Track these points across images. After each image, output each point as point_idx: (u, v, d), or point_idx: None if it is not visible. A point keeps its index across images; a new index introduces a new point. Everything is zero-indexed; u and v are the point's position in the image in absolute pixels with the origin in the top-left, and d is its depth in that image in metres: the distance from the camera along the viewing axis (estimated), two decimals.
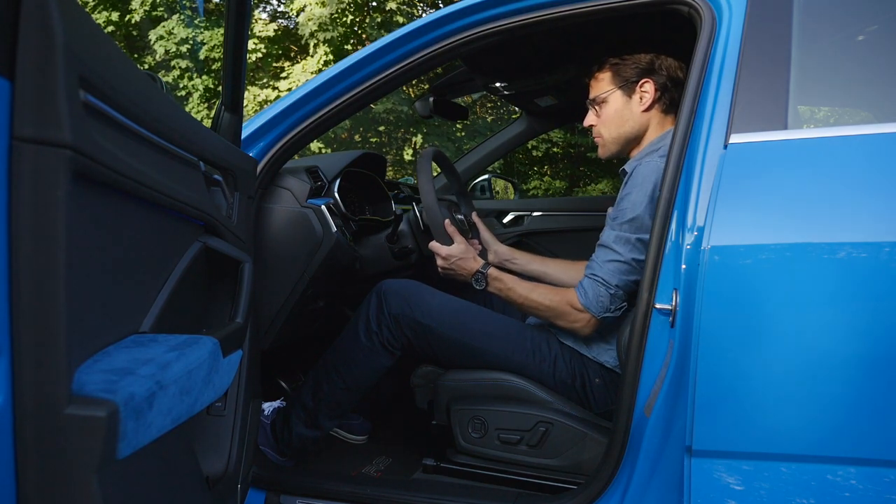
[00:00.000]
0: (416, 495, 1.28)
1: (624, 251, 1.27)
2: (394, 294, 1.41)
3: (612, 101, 1.41)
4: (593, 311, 1.29)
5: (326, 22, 9.19)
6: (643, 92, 1.39)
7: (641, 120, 1.40)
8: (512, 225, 2.54)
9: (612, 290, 1.28)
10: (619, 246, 1.28)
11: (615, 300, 1.28)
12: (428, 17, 1.33)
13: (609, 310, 1.29)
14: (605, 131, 1.43)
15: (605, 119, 1.43)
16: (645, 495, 1.07)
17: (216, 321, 1.00)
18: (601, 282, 1.28)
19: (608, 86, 1.41)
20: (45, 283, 0.52)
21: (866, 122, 1.15)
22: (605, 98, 1.41)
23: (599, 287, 1.28)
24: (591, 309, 1.29)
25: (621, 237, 1.28)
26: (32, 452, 0.53)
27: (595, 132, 1.46)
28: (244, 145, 1.28)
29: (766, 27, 1.06)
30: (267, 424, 1.51)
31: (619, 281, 1.27)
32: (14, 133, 0.50)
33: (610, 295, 1.28)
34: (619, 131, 1.42)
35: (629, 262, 1.26)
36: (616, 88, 1.40)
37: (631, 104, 1.40)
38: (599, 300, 1.28)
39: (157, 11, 9.43)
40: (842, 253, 0.87)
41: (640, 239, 1.26)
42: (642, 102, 1.39)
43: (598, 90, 1.43)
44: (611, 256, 1.28)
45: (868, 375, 0.87)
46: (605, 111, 1.42)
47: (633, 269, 1.27)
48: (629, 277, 1.27)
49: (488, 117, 10.95)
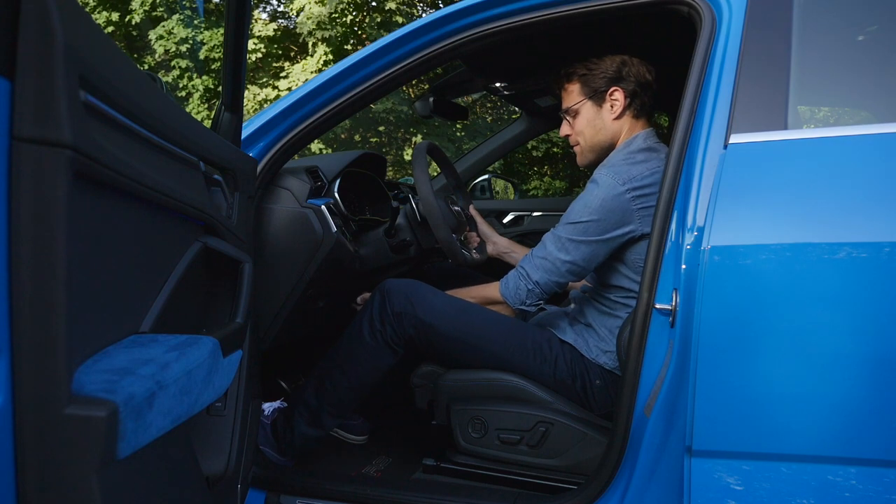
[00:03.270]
0: (416, 495, 1.28)
1: (552, 248, 1.34)
2: (397, 292, 1.41)
3: (583, 112, 1.44)
4: (509, 301, 1.39)
5: (325, 21, 9.19)
6: (613, 100, 1.41)
7: (614, 127, 1.43)
8: (512, 225, 2.54)
9: (530, 285, 1.36)
10: (550, 243, 1.35)
11: (531, 296, 1.37)
12: (428, 17, 1.32)
13: (524, 303, 1.38)
14: (582, 140, 1.47)
15: (579, 129, 1.46)
16: (645, 495, 1.07)
17: (216, 321, 1.00)
18: (524, 276, 1.37)
19: (578, 97, 1.44)
20: (45, 283, 0.52)
21: (866, 122, 1.15)
22: (576, 109, 1.45)
23: (520, 280, 1.37)
24: (508, 298, 1.39)
25: (555, 235, 1.35)
26: (32, 452, 0.53)
27: (572, 141, 1.50)
28: (244, 145, 1.28)
29: (766, 27, 1.06)
30: (267, 424, 1.51)
31: (541, 278, 1.35)
32: (14, 133, 0.50)
33: (527, 290, 1.36)
34: (595, 139, 1.45)
35: (554, 261, 1.33)
36: (586, 99, 1.43)
37: (602, 113, 1.43)
38: (517, 293, 1.38)
39: (157, 12, 9.43)
40: (842, 253, 0.87)
41: (571, 240, 1.32)
42: (613, 110, 1.42)
43: (569, 101, 1.46)
44: (541, 253, 1.36)
45: (868, 375, 0.87)
46: (577, 122, 1.46)
47: (556, 269, 1.33)
48: (550, 277, 1.34)
49: (488, 117, 10.95)
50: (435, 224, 1.46)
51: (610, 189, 1.30)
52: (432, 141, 1.69)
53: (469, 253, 1.60)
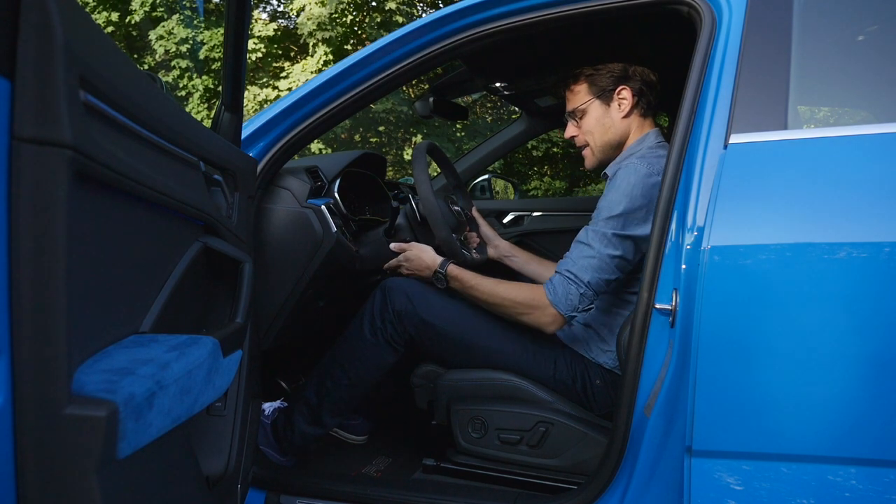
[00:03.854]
0: (416, 495, 1.28)
1: (599, 246, 1.28)
2: (398, 291, 1.41)
3: (591, 111, 1.43)
4: (561, 309, 1.28)
5: (325, 21, 9.19)
6: (621, 99, 1.41)
7: (622, 126, 1.43)
8: (512, 225, 2.54)
9: (582, 288, 1.27)
10: (595, 241, 1.29)
11: (584, 300, 1.28)
12: (428, 17, 1.32)
13: (577, 309, 1.29)
14: (592, 140, 1.45)
15: (587, 129, 1.45)
16: (645, 495, 1.07)
17: (216, 321, 1.00)
18: (572, 279, 1.28)
19: (586, 96, 1.43)
20: (45, 283, 0.52)
21: (866, 122, 1.15)
22: (584, 109, 1.44)
23: (570, 285, 1.28)
24: (559, 306, 1.28)
25: (597, 232, 1.29)
26: (32, 452, 0.53)
27: (579, 142, 1.48)
28: (244, 145, 1.28)
29: (766, 27, 1.06)
30: (267, 425, 1.51)
31: (592, 277, 1.27)
32: (14, 133, 0.50)
33: (580, 294, 1.27)
34: (605, 139, 1.44)
35: (602, 258, 1.27)
36: (594, 98, 1.42)
37: (610, 112, 1.42)
38: (569, 298, 1.28)
39: (157, 12, 9.43)
40: (842, 253, 0.87)
41: (616, 234, 1.27)
42: (621, 109, 1.41)
43: (577, 102, 1.45)
44: (585, 252, 1.29)
45: (868, 375, 0.87)
46: (585, 122, 1.45)
47: (606, 265, 1.27)
48: (601, 275, 1.28)
49: (488, 117, 10.95)
50: (435, 224, 1.46)
51: (645, 177, 1.28)
52: (432, 141, 1.69)
53: (469, 253, 1.60)
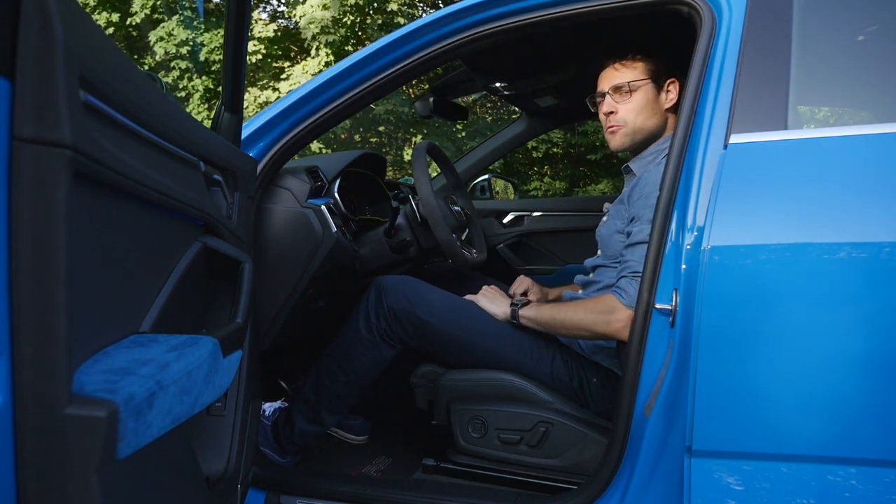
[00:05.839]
0: (416, 495, 1.28)
1: None
2: (393, 289, 1.41)
3: (642, 92, 1.39)
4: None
5: (328, 25, 9.19)
6: (668, 91, 1.40)
7: (663, 119, 1.40)
8: (512, 225, 2.54)
9: None
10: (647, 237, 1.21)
11: None
12: (428, 17, 1.32)
13: None
14: (633, 120, 1.39)
15: (632, 108, 1.38)
16: (645, 495, 1.07)
17: (216, 321, 1.00)
18: (638, 276, 1.20)
19: (642, 74, 1.39)
20: (45, 283, 0.52)
21: (866, 122, 1.15)
22: (637, 86, 1.38)
23: (634, 280, 1.21)
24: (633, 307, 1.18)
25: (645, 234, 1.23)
26: (32, 452, 0.53)
27: (614, 119, 1.40)
28: (244, 145, 1.28)
29: (766, 27, 1.06)
30: (268, 425, 1.51)
31: None
32: (14, 133, 0.50)
33: None
34: (644, 124, 1.39)
35: None
36: (649, 80, 1.39)
37: (659, 99, 1.40)
38: None
39: (157, 14, 9.42)
40: (842, 253, 0.87)
41: None
42: (668, 100, 1.40)
43: (630, 76, 1.39)
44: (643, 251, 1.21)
45: (868, 375, 0.87)
46: (634, 99, 1.38)
47: None
48: None
49: (488, 117, 10.94)
50: (435, 224, 1.46)
51: None
52: (432, 141, 1.69)
53: (469, 253, 1.60)
